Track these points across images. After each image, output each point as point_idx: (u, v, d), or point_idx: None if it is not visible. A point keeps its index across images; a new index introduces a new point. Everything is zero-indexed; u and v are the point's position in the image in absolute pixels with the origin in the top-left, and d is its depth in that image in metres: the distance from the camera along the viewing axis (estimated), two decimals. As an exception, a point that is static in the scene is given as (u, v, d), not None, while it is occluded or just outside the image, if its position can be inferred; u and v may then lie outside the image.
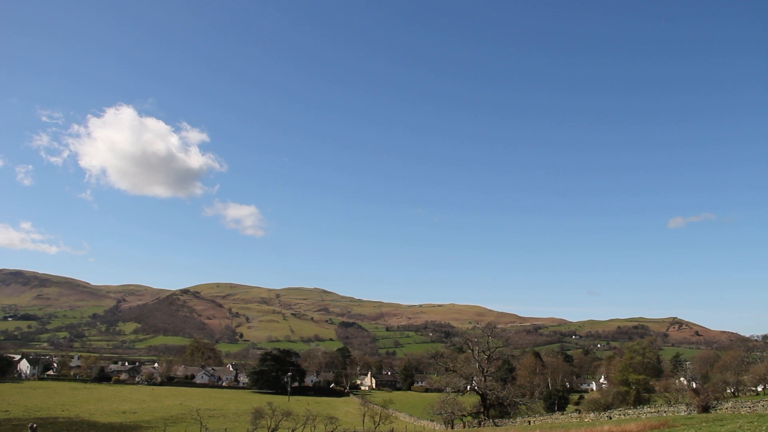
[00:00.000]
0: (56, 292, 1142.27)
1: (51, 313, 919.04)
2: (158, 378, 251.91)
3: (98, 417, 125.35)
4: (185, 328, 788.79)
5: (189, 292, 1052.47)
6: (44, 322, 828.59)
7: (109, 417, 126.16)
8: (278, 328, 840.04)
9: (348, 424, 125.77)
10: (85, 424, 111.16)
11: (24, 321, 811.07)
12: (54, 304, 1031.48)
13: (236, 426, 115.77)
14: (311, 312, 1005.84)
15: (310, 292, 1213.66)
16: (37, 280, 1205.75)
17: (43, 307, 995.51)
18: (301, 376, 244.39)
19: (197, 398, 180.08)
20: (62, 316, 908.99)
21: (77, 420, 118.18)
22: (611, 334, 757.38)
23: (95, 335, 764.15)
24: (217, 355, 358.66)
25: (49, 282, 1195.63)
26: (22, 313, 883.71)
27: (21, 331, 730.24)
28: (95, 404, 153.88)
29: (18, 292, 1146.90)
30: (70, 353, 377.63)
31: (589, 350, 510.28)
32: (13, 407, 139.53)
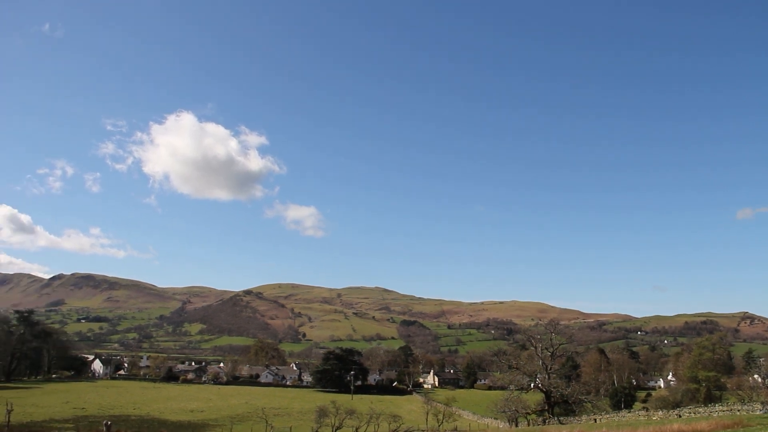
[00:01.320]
0: (125, 294, 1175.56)
1: (120, 315, 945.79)
2: (224, 377, 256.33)
3: (167, 415, 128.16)
4: (249, 328, 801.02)
5: (252, 293, 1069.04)
6: (114, 323, 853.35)
7: (178, 415, 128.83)
8: (340, 327, 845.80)
9: (411, 422, 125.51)
10: (156, 422, 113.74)
11: (96, 323, 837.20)
12: (123, 306, 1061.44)
13: (301, 424, 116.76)
14: (372, 311, 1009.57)
15: (370, 291, 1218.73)
16: (106, 283, 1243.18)
17: (113, 309, 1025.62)
18: (363, 374, 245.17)
19: (262, 397, 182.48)
20: (131, 317, 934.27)
21: (148, 418, 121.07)
22: (678, 330, 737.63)
23: (162, 336, 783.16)
24: (280, 355, 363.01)
25: (118, 285, 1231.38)
26: (94, 315, 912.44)
27: (93, 332, 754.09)
28: (164, 403, 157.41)
29: (89, 295, 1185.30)
30: (139, 354, 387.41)
31: (655, 346, 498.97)
32: (89, 405, 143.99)
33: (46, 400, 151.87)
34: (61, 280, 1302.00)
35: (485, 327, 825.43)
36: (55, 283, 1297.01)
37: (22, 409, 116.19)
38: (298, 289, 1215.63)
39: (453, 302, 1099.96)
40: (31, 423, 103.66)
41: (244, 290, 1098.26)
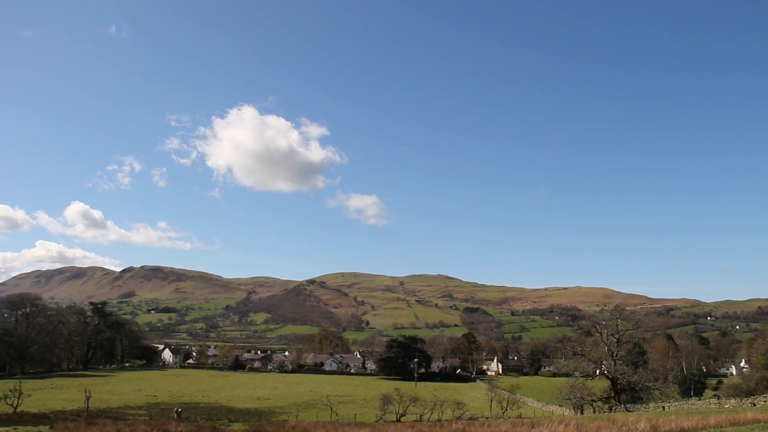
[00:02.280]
0: (192, 285, 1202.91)
1: (188, 306, 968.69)
2: (289, 366, 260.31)
3: (235, 403, 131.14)
4: (313, 317, 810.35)
5: (315, 282, 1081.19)
6: (182, 314, 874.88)
7: (245, 403, 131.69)
8: (403, 315, 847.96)
9: (475, 409, 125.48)
10: (224, 409, 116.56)
11: (165, 313, 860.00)
12: (190, 297, 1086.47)
13: (365, 411, 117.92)
14: (435, 298, 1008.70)
15: (433, 278, 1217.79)
16: (174, 275, 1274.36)
17: (181, 300, 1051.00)
18: (427, 362, 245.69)
19: (327, 385, 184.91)
20: (198, 308, 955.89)
21: (216, 405, 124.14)
22: (751, 315, 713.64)
23: (229, 326, 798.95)
24: (344, 343, 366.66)
25: (185, 276, 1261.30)
26: (163, 306, 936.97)
27: (162, 322, 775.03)
28: (232, 391, 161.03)
29: (158, 287, 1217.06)
30: (207, 343, 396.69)
31: (726, 332, 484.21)
32: (160, 392, 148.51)
33: (121, 388, 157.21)
34: (131, 273, 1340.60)
35: (549, 313, 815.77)
36: (126, 276, 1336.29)
37: (99, 396, 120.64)
38: (361, 278, 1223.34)
39: (516, 288, 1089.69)
40: (108, 409, 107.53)
41: (308, 280, 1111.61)
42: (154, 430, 48.09)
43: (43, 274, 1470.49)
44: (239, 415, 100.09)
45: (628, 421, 44.42)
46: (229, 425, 64.79)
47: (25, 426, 62.81)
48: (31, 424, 69.57)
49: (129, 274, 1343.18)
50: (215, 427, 57.23)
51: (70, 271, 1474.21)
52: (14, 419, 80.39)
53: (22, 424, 67.59)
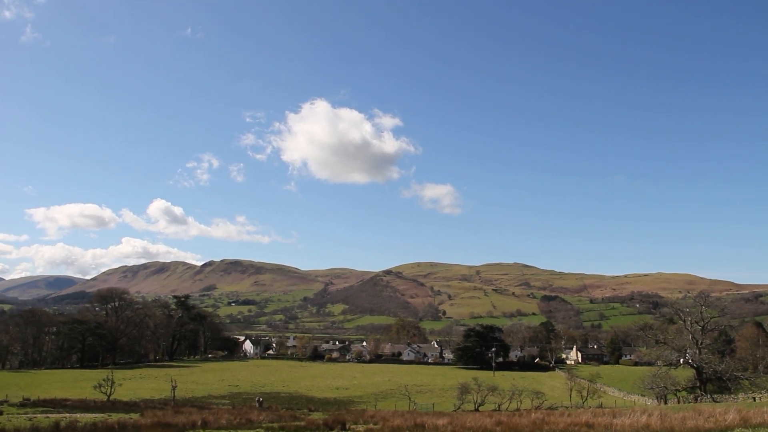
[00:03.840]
0: (270, 278, 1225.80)
1: (267, 298, 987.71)
2: (367, 356, 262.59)
3: (314, 392, 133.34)
4: (389, 307, 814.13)
5: (392, 273, 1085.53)
6: (262, 306, 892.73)
7: (324, 393, 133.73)
8: (480, 304, 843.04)
9: (554, 398, 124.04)
10: (304, 399, 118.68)
11: (245, 306, 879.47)
12: (269, 290, 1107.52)
13: (443, 401, 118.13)
14: (512, 287, 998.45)
15: (509, 267, 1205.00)
16: (253, 268, 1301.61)
17: (260, 292, 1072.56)
18: (505, 351, 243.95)
19: (404, 374, 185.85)
20: (277, 300, 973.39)
21: (296, 395, 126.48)
22: None
23: (307, 317, 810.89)
24: (421, 333, 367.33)
25: (264, 269, 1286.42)
26: (243, 299, 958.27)
27: (243, 314, 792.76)
28: (311, 381, 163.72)
29: (238, 280, 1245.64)
30: (286, 334, 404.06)
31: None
32: (242, 382, 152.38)
33: (204, 378, 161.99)
34: (212, 267, 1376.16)
35: (629, 301, 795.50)
36: (207, 270, 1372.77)
37: (184, 386, 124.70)
38: (437, 268, 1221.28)
39: (595, 276, 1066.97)
40: (193, 398, 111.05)
41: (384, 270, 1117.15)
42: (237, 418, 49.52)
43: (130, 269, 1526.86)
44: (319, 405, 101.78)
45: (716, 412, 43.29)
46: (309, 414, 66.06)
47: (118, 413, 65.66)
48: (123, 411, 72.64)
49: (210, 268, 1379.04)
50: (296, 416, 58.46)
51: (154, 266, 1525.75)
52: (108, 407, 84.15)
53: (115, 412, 70.67)
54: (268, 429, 41.82)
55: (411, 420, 45.96)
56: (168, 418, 47.77)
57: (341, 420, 45.39)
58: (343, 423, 43.53)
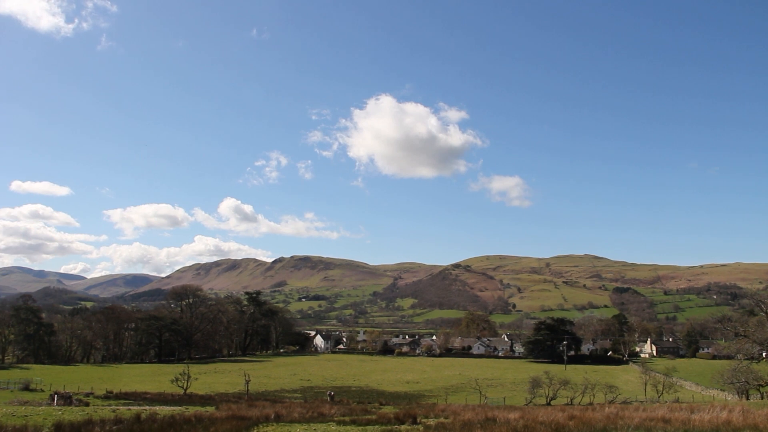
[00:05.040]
0: (339, 273, 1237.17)
1: (337, 293, 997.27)
2: (437, 350, 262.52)
3: (385, 386, 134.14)
4: (459, 301, 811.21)
5: (460, 266, 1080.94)
6: (332, 301, 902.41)
7: (395, 386, 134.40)
8: (550, 296, 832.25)
9: (628, 392, 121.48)
10: (374, 392, 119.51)
11: (315, 301, 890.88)
12: (338, 285, 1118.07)
13: (514, 395, 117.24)
14: (583, 279, 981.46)
15: (580, 258, 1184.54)
16: (322, 263, 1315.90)
17: (330, 287, 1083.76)
18: (576, 344, 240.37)
19: (475, 368, 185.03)
20: (346, 295, 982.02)
21: (367, 389, 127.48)
22: None
23: (376, 311, 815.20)
24: (491, 326, 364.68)
25: (333, 265, 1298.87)
26: (313, 294, 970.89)
27: (313, 310, 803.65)
28: (381, 375, 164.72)
29: (308, 276, 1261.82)
30: (356, 329, 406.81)
31: None
32: (313, 377, 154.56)
33: (276, 372, 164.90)
34: (282, 263, 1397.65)
35: (706, 292, 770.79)
36: (277, 266, 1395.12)
37: (257, 380, 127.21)
38: (506, 260, 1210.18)
39: (669, 267, 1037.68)
40: (266, 392, 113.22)
41: (453, 264, 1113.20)
42: (309, 412, 50.24)
43: (203, 266, 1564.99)
44: (389, 399, 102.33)
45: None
46: (380, 408, 66.49)
47: (194, 406, 67.50)
48: (199, 404, 74.64)
49: (280, 264, 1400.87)
50: (367, 410, 58.93)
51: (226, 263, 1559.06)
52: (185, 400, 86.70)
53: (192, 405, 72.68)
54: (340, 422, 42.30)
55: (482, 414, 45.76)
56: (242, 412, 48.83)
57: (412, 414, 45.53)
58: (413, 417, 43.64)
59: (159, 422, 38.47)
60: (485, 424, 37.26)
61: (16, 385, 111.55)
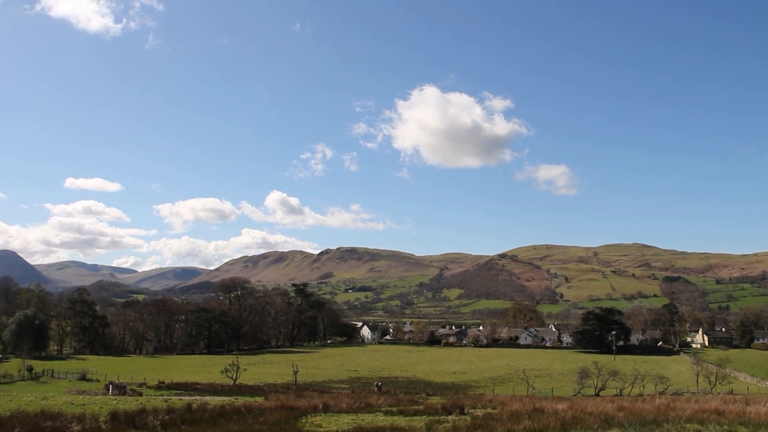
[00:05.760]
0: (386, 264, 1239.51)
1: (383, 284, 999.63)
2: (483, 340, 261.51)
3: (432, 377, 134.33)
4: (505, 291, 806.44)
5: (507, 257, 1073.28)
6: (378, 292, 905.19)
7: (442, 377, 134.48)
8: (598, 286, 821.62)
9: (680, 383, 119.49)
10: (421, 383, 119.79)
11: (361, 292, 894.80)
12: (385, 276, 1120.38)
13: (562, 385, 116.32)
14: (632, 268, 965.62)
15: (628, 247, 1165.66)
16: (368, 255, 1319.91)
17: (376, 279, 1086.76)
18: (625, 334, 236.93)
19: (522, 359, 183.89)
20: (393, 286, 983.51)
21: (414, 379, 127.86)
22: None
23: (423, 302, 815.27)
24: (538, 317, 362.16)
25: (379, 256, 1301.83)
26: (359, 285, 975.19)
27: (360, 301, 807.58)
28: (428, 365, 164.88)
29: (354, 267, 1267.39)
30: (402, 319, 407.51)
31: None
32: (360, 367, 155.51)
33: (324, 363, 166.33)
34: (329, 255, 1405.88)
35: (760, 280, 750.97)
36: (324, 258, 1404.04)
37: (304, 371, 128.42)
38: (553, 250, 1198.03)
39: (720, 255, 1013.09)
40: (313, 383, 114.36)
41: (499, 254, 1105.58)
42: (357, 402, 50.61)
43: (250, 259, 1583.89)
44: (436, 389, 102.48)
45: None
46: (427, 399, 66.67)
47: (243, 396, 68.62)
48: (248, 395, 75.82)
49: (326, 256, 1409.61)
50: (414, 401, 59.14)
51: (273, 256, 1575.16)
52: (234, 390, 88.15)
53: (241, 395, 73.89)
54: (387, 413, 42.53)
55: (530, 404, 45.55)
56: (290, 402, 49.44)
57: (459, 404, 45.54)
58: (461, 407, 43.65)
59: (210, 412, 39.20)
60: (533, 414, 37.09)
61: (74, 375, 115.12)
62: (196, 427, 33.00)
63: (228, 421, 35.83)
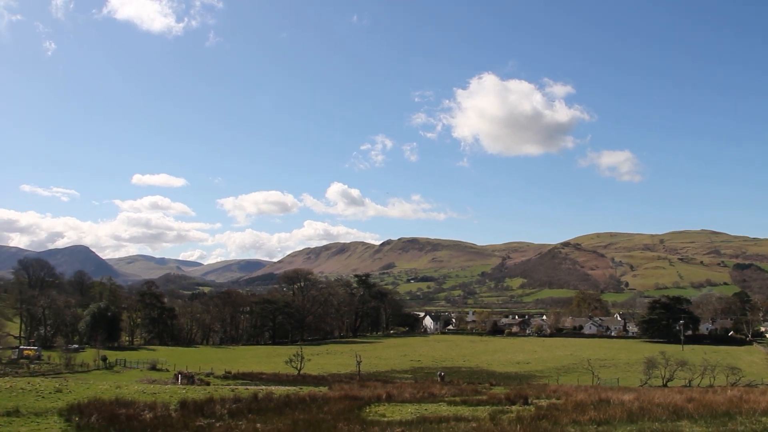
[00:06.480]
0: (447, 254, 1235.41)
1: (445, 274, 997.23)
2: (547, 330, 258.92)
3: (495, 367, 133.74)
4: (569, 280, 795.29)
5: (570, 245, 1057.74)
6: (440, 282, 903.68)
7: (505, 367, 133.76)
8: (665, 274, 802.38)
9: (753, 375, 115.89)
10: (485, 373, 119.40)
11: (423, 282, 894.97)
12: (446, 266, 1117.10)
13: (628, 376, 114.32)
14: (700, 255, 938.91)
15: (696, 234, 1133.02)
16: (430, 245, 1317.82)
17: (438, 269, 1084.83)
18: (693, 323, 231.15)
19: (586, 348, 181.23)
20: (455, 276, 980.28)
21: (477, 369, 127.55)
22: None
23: (485, 292, 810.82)
24: (603, 306, 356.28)
25: (441, 246, 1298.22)
26: (421, 276, 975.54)
27: (422, 291, 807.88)
28: (491, 355, 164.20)
29: (415, 258, 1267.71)
30: (464, 309, 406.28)
31: None
32: (423, 357, 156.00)
33: (387, 353, 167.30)
34: (390, 245, 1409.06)
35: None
36: (385, 248, 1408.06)
37: (368, 361, 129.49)
38: (617, 238, 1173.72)
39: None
40: (376, 373, 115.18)
41: (562, 242, 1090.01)
42: (420, 392, 50.78)
43: (312, 251, 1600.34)
44: (500, 379, 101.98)
45: None
46: (490, 389, 66.43)
47: (307, 386, 69.71)
48: (312, 384, 76.96)
49: (388, 246, 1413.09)
50: (477, 391, 59.03)
51: (335, 247, 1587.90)
52: (299, 380, 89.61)
53: (306, 385, 75.10)
54: (451, 403, 42.59)
55: (595, 395, 44.98)
56: (354, 392, 49.92)
57: (523, 394, 45.30)
58: (525, 397, 43.40)
59: (275, 401, 39.90)
60: (598, 405, 36.64)
61: (145, 365, 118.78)
62: (262, 416, 33.64)
63: (293, 410, 36.41)
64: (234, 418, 32.83)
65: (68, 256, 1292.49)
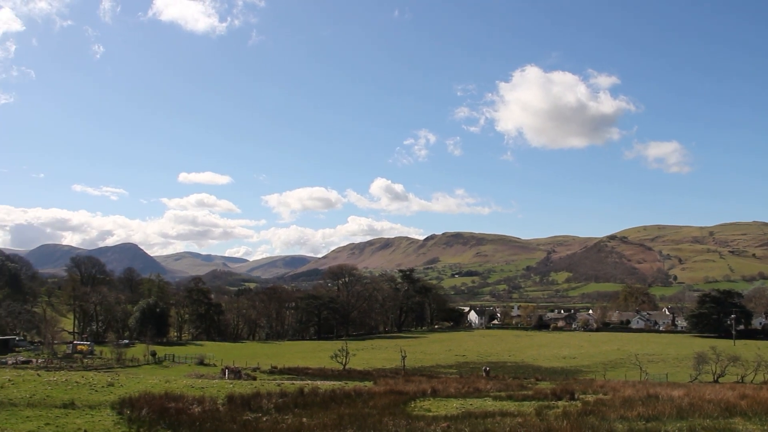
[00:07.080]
0: (492, 249, 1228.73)
1: (489, 269, 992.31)
2: (593, 324, 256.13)
3: (540, 362, 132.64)
4: (615, 273, 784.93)
5: (616, 238, 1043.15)
6: (485, 276, 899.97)
7: (551, 362, 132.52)
8: (715, 267, 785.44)
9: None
10: (530, 368, 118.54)
11: (468, 277, 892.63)
12: (491, 260, 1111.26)
13: (677, 371, 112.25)
14: (752, 248, 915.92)
15: (748, 226, 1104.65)
16: (474, 239, 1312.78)
17: (482, 263, 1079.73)
18: (746, 318, 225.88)
19: (634, 343, 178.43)
20: (499, 270, 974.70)
21: (522, 364, 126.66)
22: None
23: (530, 286, 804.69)
24: (650, 300, 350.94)
25: (485, 240, 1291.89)
26: (466, 270, 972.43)
27: (466, 285, 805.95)
28: (537, 350, 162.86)
29: (460, 252, 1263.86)
30: (509, 304, 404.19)
31: None
32: (468, 352, 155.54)
33: (431, 348, 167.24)
34: (434, 240, 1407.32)
35: None
36: (429, 243, 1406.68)
37: (412, 356, 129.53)
38: (665, 230, 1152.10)
39: None
40: (422, 368, 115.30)
41: (608, 236, 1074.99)
42: (465, 387, 50.69)
43: (357, 246, 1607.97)
44: (545, 374, 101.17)
45: None
46: (536, 384, 65.99)
47: (353, 381, 70.11)
48: (357, 379, 77.34)
49: (432, 241, 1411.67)
50: (523, 386, 58.68)
51: (379, 242, 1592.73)
52: (344, 375, 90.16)
53: (351, 380, 75.49)
54: (496, 398, 42.45)
55: (643, 390, 44.40)
56: (399, 386, 50.08)
57: (569, 390, 44.90)
58: (571, 393, 43.01)
59: (321, 396, 40.25)
60: (647, 401, 36.16)
61: (193, 360, 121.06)
62: (308, 411, 33.98)
63: (338, 404, 36.70)
64: (280, 413, 33.21)
65: (118, 253, 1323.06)
